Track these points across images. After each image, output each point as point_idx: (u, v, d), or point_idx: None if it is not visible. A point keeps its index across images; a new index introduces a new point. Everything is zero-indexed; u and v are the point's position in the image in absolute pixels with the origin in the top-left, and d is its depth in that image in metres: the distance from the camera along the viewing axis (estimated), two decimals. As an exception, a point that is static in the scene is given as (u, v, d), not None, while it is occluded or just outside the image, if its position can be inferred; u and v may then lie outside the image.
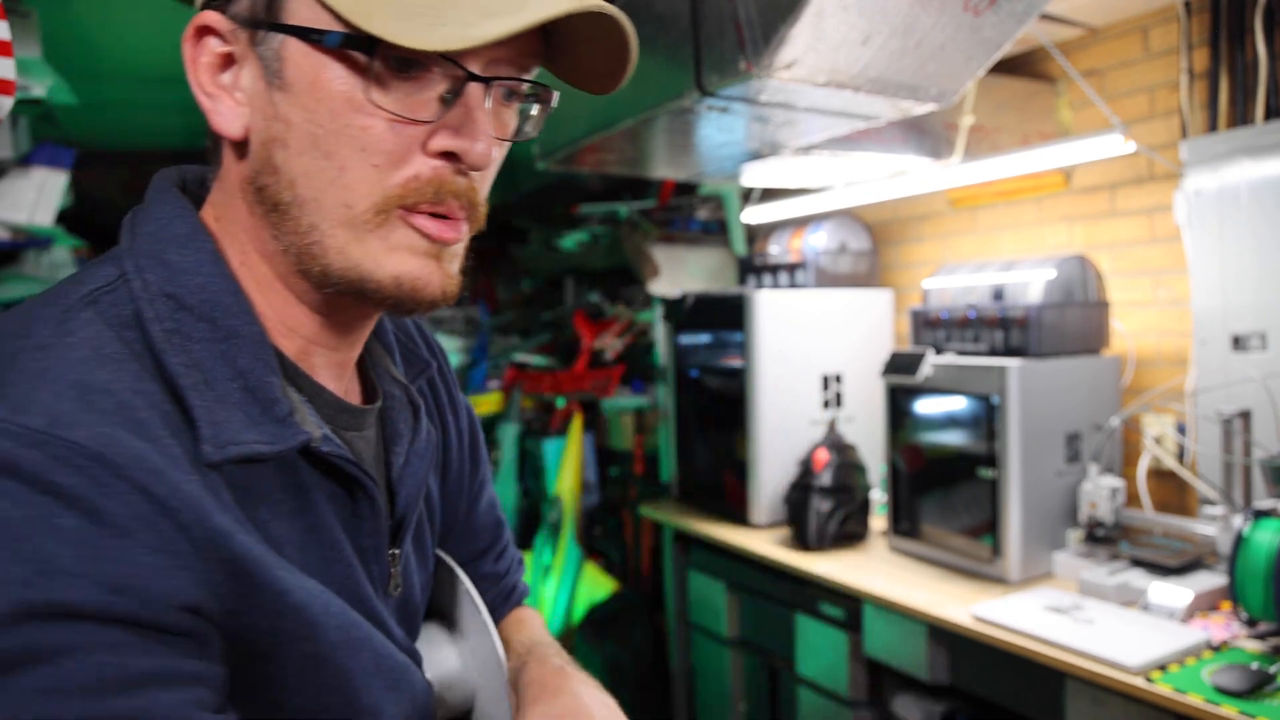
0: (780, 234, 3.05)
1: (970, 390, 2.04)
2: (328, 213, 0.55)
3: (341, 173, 0.54)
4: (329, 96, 0.53)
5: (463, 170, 0.56)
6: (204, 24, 0.56)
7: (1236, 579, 1.57)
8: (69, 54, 2.74)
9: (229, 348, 0.55)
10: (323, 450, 0.58)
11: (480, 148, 0.55)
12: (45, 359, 0.49)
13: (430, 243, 0.56)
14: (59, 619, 0.43)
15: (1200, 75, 2.04)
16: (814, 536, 2.32)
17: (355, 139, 0.53)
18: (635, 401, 3.63)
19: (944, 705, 1.98)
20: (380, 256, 0.55)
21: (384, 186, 0.54)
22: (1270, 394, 1.78)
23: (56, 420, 0.46)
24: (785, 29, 1.32)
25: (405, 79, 0.53)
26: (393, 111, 0.53)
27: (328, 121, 0.53)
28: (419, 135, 0.54)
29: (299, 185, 0.55)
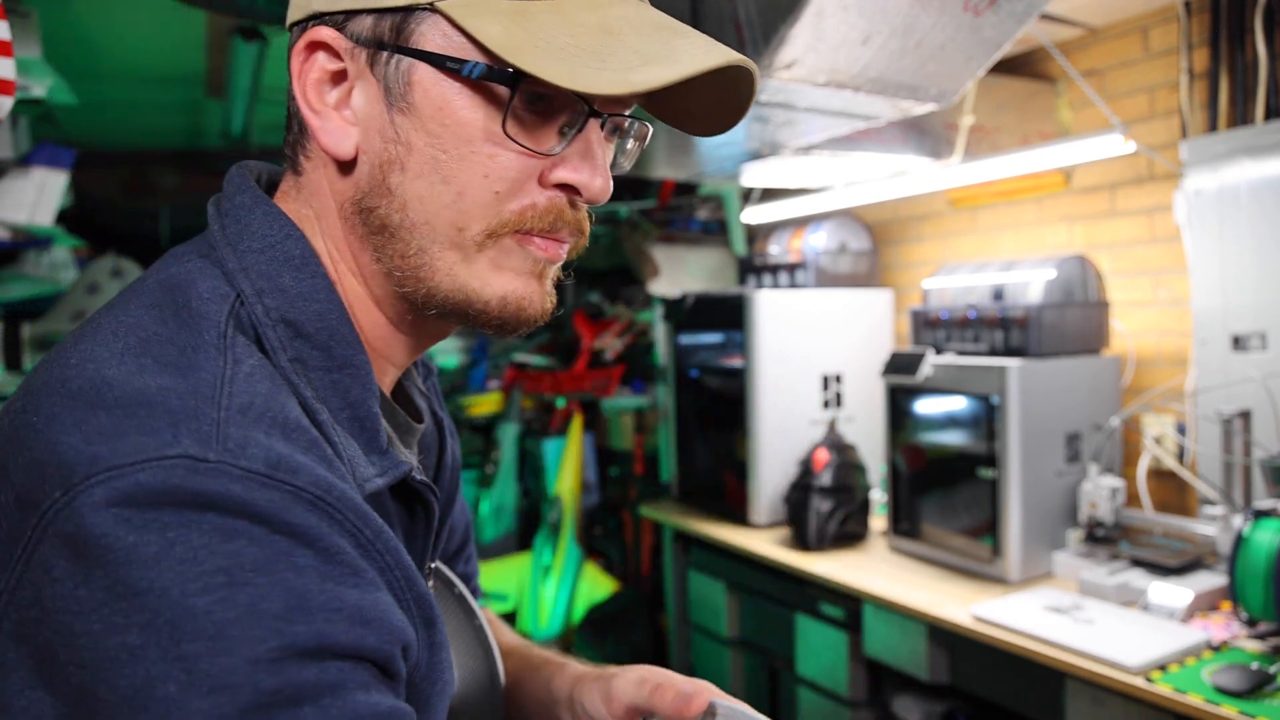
0: (780, 234, 3.05)
1: (970, 390, 2.04)
2: (439, 236, 0.54)
3: (459, 198, 0.53)
4: (459, 124, 0.52)
5: (576, 202, 0.56)
6: (318, 39, 0.54)
7: (1236, 579, 1.57)
8: (69, 54, 2.74)
9: (342, 378, 0.54)
10: (416, 480, 0.58)
11: (600, 183, 0.55)
12: (237, 393, 0.47)
13: (534, 262, 0.56)
14: (317, 657, 0.43)
15: (1200, 75, 2.04)
16: (814, 536, 2.32)
17: (480, 166, 0.53)
18: (635, 401, 3.63)
19: (944, 705, 1.98)
20: (488, 276, 0.55)
21: (500, 213, 0.54)
22: (1270, 394, 1.78)
23: (277, 464, 0.45)
24: (785, 29, 1.32)
25: (534, 113, 0.53)
26: (524, 145, 0.53)
27: (454, 148, 0.53)
28: (541, 166, 0.54)
29: (411, 208, 0.54)
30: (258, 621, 0.41)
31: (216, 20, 2.50)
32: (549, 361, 4.02)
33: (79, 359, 0.47)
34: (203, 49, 2.83)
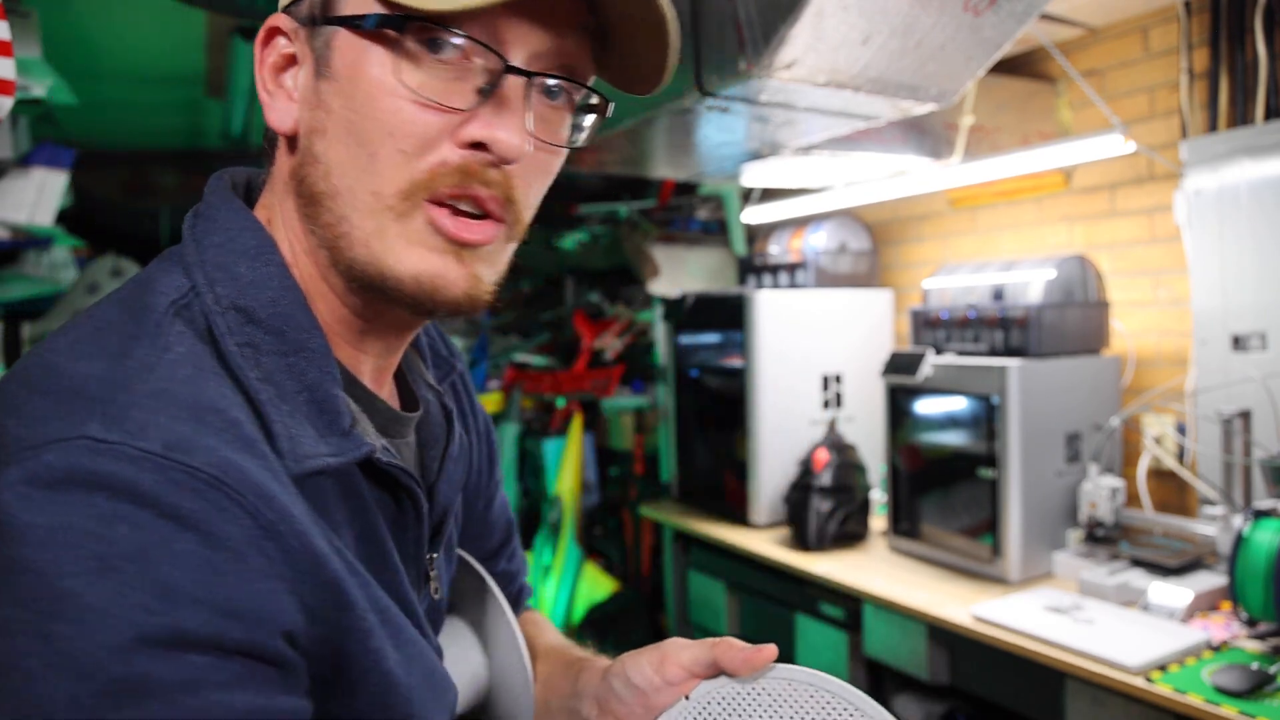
0: (780, 234, 3.05)
1: (970, 390, 2.04)
2: (358, 202, 0.54)
3: (372, 160, 0.53)
4: (365, 80, 0.53)
5: (495, 163, 0.54)
6: (272, 25, 0.57)
7: (1236, 579, 1.57)
8: (69, 54, 2.74)
9: (297, 361, 0.55)
10: (382, 461, 0.58)
11: (510, 138, 0.53)
12: (154, 379, 0.49)
13: (447, 241, 0.55)
14: (174, 648, 0.43)
15: (1200, 75, 2.04)
16: (814, 536, 2.32)
17: (385, 123, 0.53)
18: (635, 401, 3.63)
19: (944, 705, 1.98)
20: (401, 251, 0.54)
21: (411, 171, 0.53)
22: (1270, 394, 1.78)
23: (175, 444, 0.46)
24: (785, 29, 1.32)
25: (441, 63, 0.52)
26: (421, 94, 0.52)
27: (363, 106, 0.53)
28: (450, 123, 0.53)
29: (334, 174, 0.55)
30: (119, 609, 0.42)
31: (216, 20, 2.50)
32: (549, 361, 4.02)
33: (43, 347, 0.51)
34: (203, 49, 2.83)
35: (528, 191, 0.58)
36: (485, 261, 0.57)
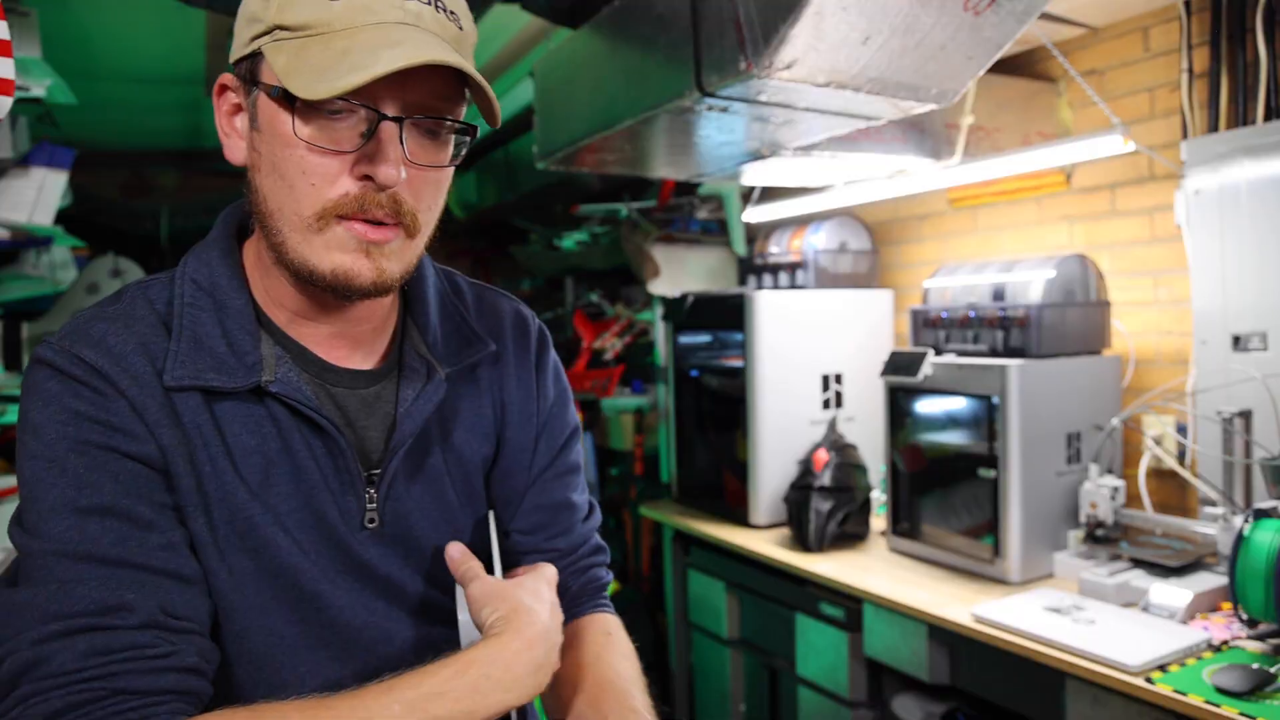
0: (780, 234, 3.05)
1: (970, 390, 2.04)
2: (286, 220, 0.73)
3: (291, 190, 0.71)
4: (277, 134, 0.71)
5: (380, 189, 0.71)
6: (223, 82, 0.77)
7: (1237, 579, 1.57)
8: (69, 54, 2.74)
9: (222, 315, 0.77)
10: (272, 390, 0.76)
11: (387, 170, 0.70)
12: (100, 315, 0.76)
13: (358, 242, 0.72)
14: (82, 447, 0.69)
15: (1200, 75, 2.03)
16: (814, 536, 2.32)
17: (297, 165, 0.70)
18: (635, 401, 3.63)
19: (944, 705, 1.98)
20: (322, 253, 0.72)
21: (321, 200, 0.71)
22: (1270, 394, 1.78)
23: (82, 344, 0.72)
24: (785, 29, 1.31)
25: (332, 118, 0.69)
26: (315, 143, 0.70)
27: (280, 151, 0.71)
28: (345, 162, 0.70)
29: (269, 200, 0.73)
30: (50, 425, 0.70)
31: (216, 20, 2.50)
32: (549, 361, 4.01)
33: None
34: (203, 49, 2.83)
35: (417, 201, 0.75)
36: (389, 257, 0.74)
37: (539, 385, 0.95)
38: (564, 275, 4.53)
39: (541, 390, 0.96)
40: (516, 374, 0.93)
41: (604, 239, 3.79)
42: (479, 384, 0.90)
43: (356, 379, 0.83)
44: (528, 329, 0.97)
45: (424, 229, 0.77)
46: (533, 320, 0.99)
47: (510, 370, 0.93)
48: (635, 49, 1.74)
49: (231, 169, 0.79)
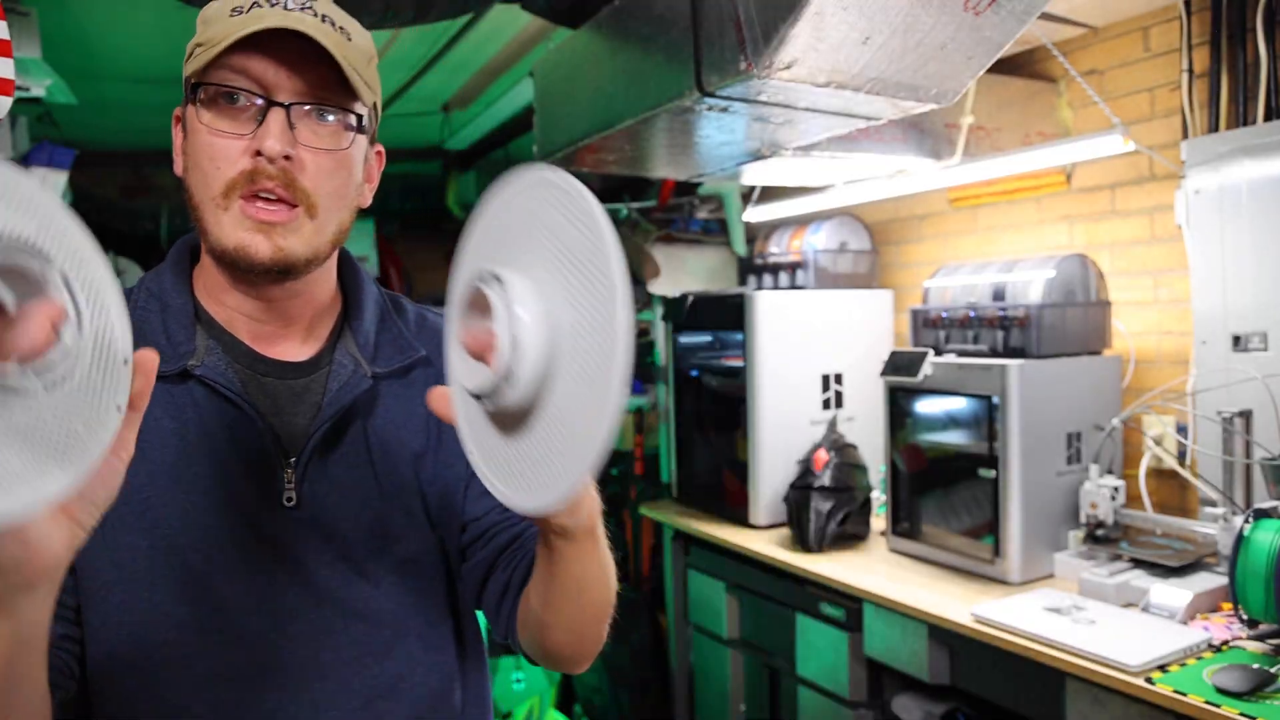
0: (780, 234, 3.05)
1: (970, 390, 2.04)
2: (203, 203, 0.80)
3: (203, 175, 0.80)
4: (192, 129, 0.81)
5: (271, 161, 0.78)
6: (175, 114, 0.86)
7: (1237, 579, 1.57)
8: (69, 54, 2.74)
9: (165, 315, 0.86)
10: (196, 373, 0.83)
11: (272, 144, 0.77)
12: None
13: (255, 221, 0.79)
14: None
15: (1201, 75, 2.03)
16: (814, 537, 2.31)
17: (205, 150, 0.79)
18: (635, 401, 3.63)
19: (944, 705, 1.98)
20: (227, 231, 0.80)
21: (224, 177, 0.79)
22: (1270, 394, 1.78)
23: None
24: (785, 29, 1.31)
25: (232, 108, 0.79)
26: (215, 129, 0.79)
27: (193, 144, 0.81)
28: (243, 145, 0.79)
29: (193, 193, 0.81)
30: None
31: (216, 20, 2.50)
32: (549, 361, 4.02)
33: None
34: (202, 49, 2.82)
35: (316, 180, 0.81)
36: (288, 236, 0.81)
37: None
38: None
39: None
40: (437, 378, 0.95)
41: (604, 239, 3.78)
42: (413, 385, 0.94)
43: (286, 370, 0.89)
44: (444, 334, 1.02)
45: (325, 211, 0.82)
46: None
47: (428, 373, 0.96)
48: (635, 49, 1.74)
49: None
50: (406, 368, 0.94)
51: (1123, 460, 2.16)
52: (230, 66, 0.78)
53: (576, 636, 0.90)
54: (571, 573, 0.82)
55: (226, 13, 0.79)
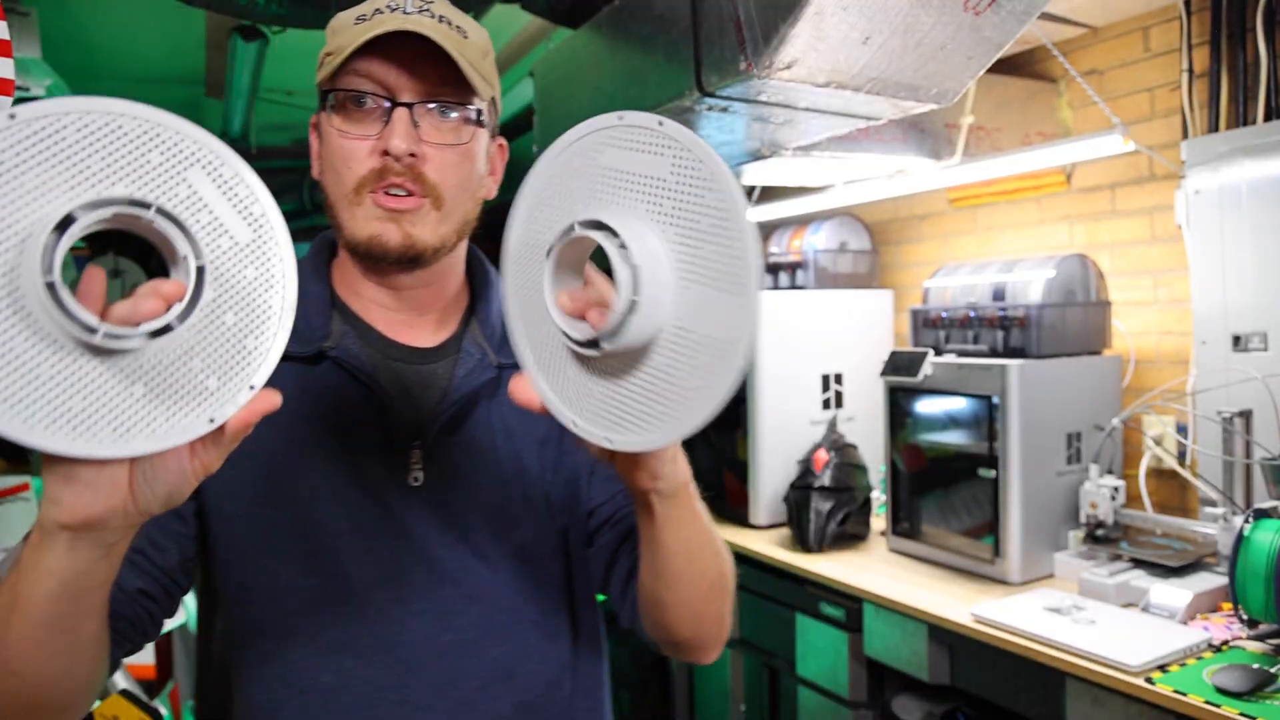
0: (780, 234, 3.05)
1: (970, 390, 2.04)
2: (338, 203, 0.85)
3: (337, 176, 0.85)
4: (326, 135, 0.86)
5: (398, 159, 0.82)
6: (312, 122, 0.91)
7: (1237, 579, 1.57)
8: (69, 54, 2.74)
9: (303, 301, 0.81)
10: (331, 354, 0.87)
11: (397, 143, 0.81)
12: None
13: (385, 210, 0.83)
14: None
15: (1201, 75, 2.03)
16: (814, 537, 2.31)
17: (337, 153, 0.84)
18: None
19: (944, 705, 1.98)
20: (360, 224, 0.84)
21: (356, 175, 0.83)
22: (1270, 394, 1.78)
23: None
24: (785, 29, 1.31)
25: (360, 112, 0.83)
26: (345, 132, 0.84)
27: (327, 149, 0.86)
28: (371, 145, 0.83)
29: (328, 193, 0.87)
30: None
31: (216, 20, 2.50)
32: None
33: None
34: (203, 49, 2.83)
35: (441, 172, 0.85)
36: (417, 225, 0.84)
37: None
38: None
39: None
40: None
41: (604, 239, 3.79)
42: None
43: (416, 355, 0.92)
44: None
45: (450, 202, 0.86)
46: None
47: None
48: (635, 49, 1.74)
49: None
50: None
51: (1123, 460, 2.16)
52: (356, 71, 0.83)
53: (694, 614, 0.89)
54: (678, 538, 0.82)
55: (351, 21, 0.84)
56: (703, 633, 0.91)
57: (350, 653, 0.83)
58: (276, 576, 0.83)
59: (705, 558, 0.86)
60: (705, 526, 0.85)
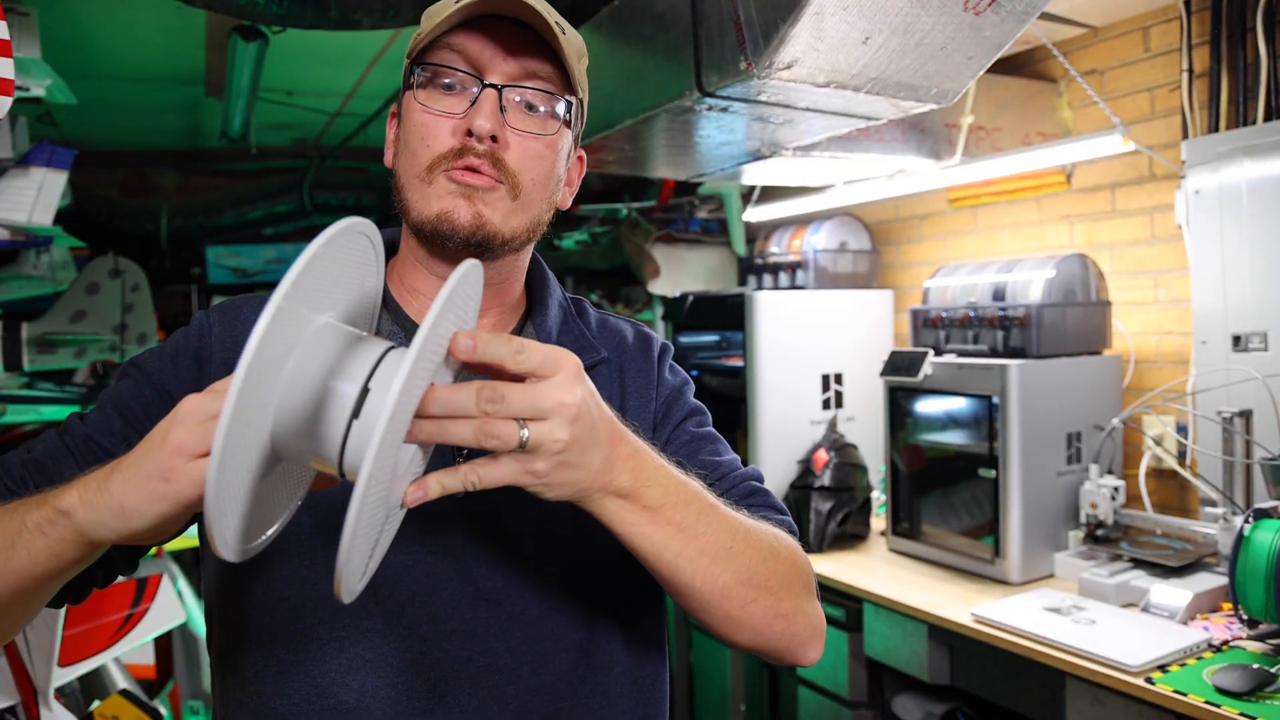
0: (780, 234, 3.05)
1: (970, 390, 2.04)
2: (409, 179, 0.82)
3: (412, 154, 0.82)
4: (407, 111, 0.83)
5: (481, 139, 0.79)
6: (392, 111, 0.89)
7: (1237, 579, 1.57)
8: (69, 54, 2.74)
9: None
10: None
11: (482, 123, 0.78)
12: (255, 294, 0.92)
13: (459, 184, 0.80)
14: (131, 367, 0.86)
15: (1201, 75, 2.03)
16: (814, 537, 2.31)
17: (416, 129, 0.81)
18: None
19: (944, 705, 1.98)
20: (430, 201, 0.81)
21: (433, 153, 0.80)
22: (1270, 394, 1.78)
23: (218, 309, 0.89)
24: (785, 29, 1.31)
25: (446, 91, 0.81)
26: (428, 108, 0.81)
27: (406, 125, 0.83)
28: (453, 124, 0.80)
29: (399, 175, 0.84)
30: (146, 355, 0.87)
31: (216, 20, 2.50)
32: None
33: None
34: (202, 49, 2.82)
35: (521, 161, 0.82)
36: (489, 205, 0.81)
37: (658, 374, 1.00)
38: (564, 275, 4.53)
39: (660, 378, 1.00)
40: (637, 368, 0.97)
41: (604, 239, 3.79)
42: (596, 379, 0.84)
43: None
44: (650, 342, 1.02)
45: (526, 195, 0.82)
46: (655, 338, 1.03)
47: (630, 368, 0.97)
48: (635, 49, 1.74)
49: (231, 169, 0.84)
50: (587, 368, 0.89)
51: (1123, 460, 2.16)
52: (449, 46, 0.80)
53: (725, 618, 0.78)
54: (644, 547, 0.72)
55: (452, 2, 0.79)
56: (759, 639, 0.80)
57: (373, 671, 0.77)
58: (303, 583, 0.78)
59: (700, 564, 0.74)
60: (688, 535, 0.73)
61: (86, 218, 3.84)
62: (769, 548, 0.80)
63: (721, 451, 1.01)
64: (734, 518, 0.78)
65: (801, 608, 0.83)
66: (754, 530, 0.80)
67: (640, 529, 0.71)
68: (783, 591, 0.80)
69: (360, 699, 0.77)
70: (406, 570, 0.79)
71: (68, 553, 0.65)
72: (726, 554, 0.76)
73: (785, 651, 0.83)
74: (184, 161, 4.47)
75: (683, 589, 0.76)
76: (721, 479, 0.96)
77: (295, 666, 0.78)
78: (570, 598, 0.83)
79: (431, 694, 0.78)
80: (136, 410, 0.82)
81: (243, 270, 4.46)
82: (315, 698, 0.77)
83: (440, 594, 0.79)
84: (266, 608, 0.79)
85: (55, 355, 2.83)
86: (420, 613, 0.78)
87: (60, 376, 3.05)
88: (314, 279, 0.58)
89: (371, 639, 0.78)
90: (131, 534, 0.62)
